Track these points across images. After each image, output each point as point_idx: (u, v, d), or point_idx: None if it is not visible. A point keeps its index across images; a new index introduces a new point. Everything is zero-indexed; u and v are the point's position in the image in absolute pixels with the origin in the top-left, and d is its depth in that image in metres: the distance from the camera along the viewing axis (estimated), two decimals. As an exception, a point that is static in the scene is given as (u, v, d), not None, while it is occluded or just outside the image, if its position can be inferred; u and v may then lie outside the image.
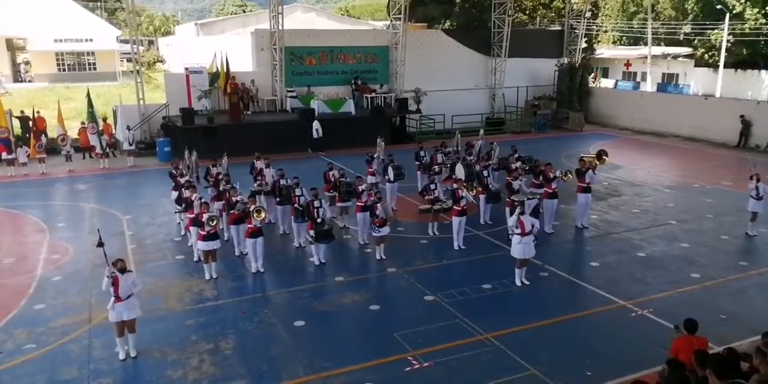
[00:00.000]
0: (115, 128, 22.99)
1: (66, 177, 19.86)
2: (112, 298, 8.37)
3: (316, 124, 23.15)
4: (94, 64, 42.92)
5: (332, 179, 14.17)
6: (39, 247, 13.33)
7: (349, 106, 25.12)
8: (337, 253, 12.89)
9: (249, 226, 11.50)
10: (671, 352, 6.73)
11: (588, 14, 32.81)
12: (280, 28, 24.59)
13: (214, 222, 11.02)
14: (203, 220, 10.93)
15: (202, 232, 11.09)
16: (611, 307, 10.30)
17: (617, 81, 35.51)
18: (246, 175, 14.67)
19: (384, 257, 12.40)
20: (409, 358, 8.61)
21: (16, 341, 9.16)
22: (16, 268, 12.13)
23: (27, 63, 41.82)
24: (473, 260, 12.44)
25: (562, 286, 11.32)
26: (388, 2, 30.33)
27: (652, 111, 28.82)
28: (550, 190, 13.77)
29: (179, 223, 13.95)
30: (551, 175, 13.63)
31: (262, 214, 11.40)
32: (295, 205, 12.48)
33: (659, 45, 36.91)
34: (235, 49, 27.02)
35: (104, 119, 23.26)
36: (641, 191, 18.11)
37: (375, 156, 16.13)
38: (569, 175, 13.69)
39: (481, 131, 18.84)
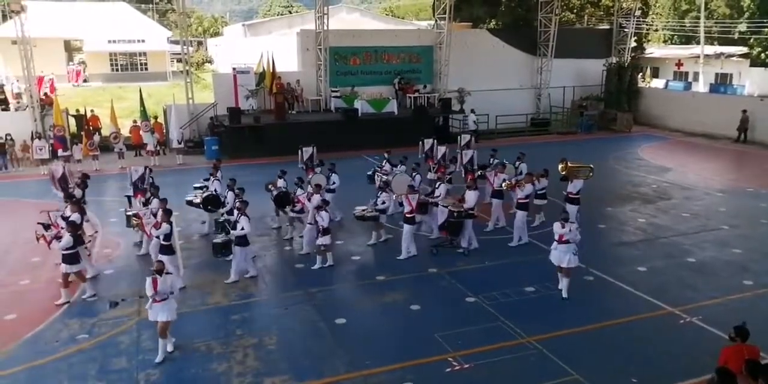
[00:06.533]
0: (167, 127, 23.63)
1: (118, 173, 20.51)
2: (151, 299, 8.50)
3: (472, 116, 25.07)
4: (145, 64, 44.17)
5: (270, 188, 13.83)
6: (92, 241, 13.81)
7: (392, 106, 25.17)
8: (378, 252, 12.99)
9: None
10: (720, 361, 6.53)
11: (638, 12, 32.01)
12: (325, 28, 24.86)
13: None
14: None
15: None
16: (659, 314, 10.05)
17: (668, 81, 34.51)
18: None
19: (321, 267, 12.02)
20: (450, 359, 8.61)
21: (71, 331, 9.56)
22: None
23: (83, 63, 43.32)
24: (516, 262, 12.32)
25: (607, 290, 11.09)
26: (433, 2, 30.28)
27: (705, 112, 27.91)
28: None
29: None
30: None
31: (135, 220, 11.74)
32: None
33: (712, 44, 35.77)
34: (281, 49, 27.43)
35: (155, 118, 23.98)
36: (691, 195, 17.58)
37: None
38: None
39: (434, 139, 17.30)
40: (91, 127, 22.97)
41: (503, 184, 13.71)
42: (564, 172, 13.76)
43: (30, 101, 23.05)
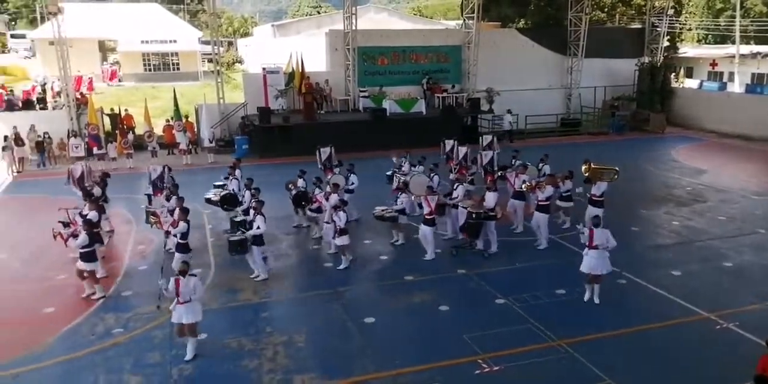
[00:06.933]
0: (199, 126, 23.96)
1: (151, 172, 20.84)
2: (175, 299, 8.57)
3: (508, 117, 25.38)
4: (177, 64, 44.78)
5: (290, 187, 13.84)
6: (126, 237, 14.13)
7: (421, 106, 25.14)
8: (405, 252, 12.97)
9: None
10: (757, 369, 6.38)
11: (671, 11, 31.43)
12: (354, 28, 24.93)
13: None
14: None
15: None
16: (694, 319, 9.85)
17: (702, 81, 33.81)
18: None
19: (347, 266, 11.99)
20: (479, 360, 8.56)
21: (106, 325, 9.76)
22: (105, 257, 12.84)
23: (117, 63, 44.14)
24: (546, 264, 12.19)
25: (640, 294, 10.90)
26: (461, 1, 30.11)
27: (740, 113, 27.24)
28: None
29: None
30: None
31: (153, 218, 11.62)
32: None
33: (748, 43, 34.86)
34: (310, 49, 27.60)
35: (186, 117, 24.32)
36: (727, 197, 17.19)
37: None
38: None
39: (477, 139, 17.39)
40: (125, 126, 23.43)
41: (523, 186, 13.46)
42: (587, 174, 13.52)
43: (66, 100, 23.61)
